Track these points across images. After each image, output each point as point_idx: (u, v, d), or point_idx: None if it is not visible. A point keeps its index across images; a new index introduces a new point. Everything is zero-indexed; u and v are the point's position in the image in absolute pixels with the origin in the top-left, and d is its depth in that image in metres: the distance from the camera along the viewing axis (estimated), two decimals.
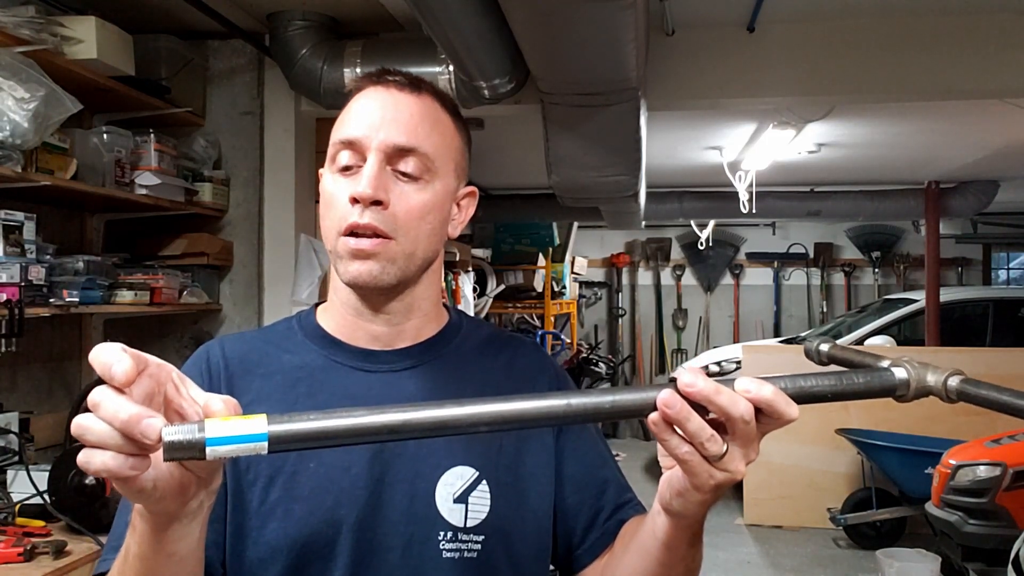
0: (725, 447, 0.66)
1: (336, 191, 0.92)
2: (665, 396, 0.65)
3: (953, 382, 0.68)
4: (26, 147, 2.27)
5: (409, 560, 0.89)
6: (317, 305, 1.03)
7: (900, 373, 0.70)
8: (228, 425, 0.59)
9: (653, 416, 0.66)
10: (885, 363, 0.72)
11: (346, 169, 0.92)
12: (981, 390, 0.66)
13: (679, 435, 0.66)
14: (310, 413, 0.61)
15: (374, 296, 0.95)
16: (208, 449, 0.58)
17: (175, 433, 0.58)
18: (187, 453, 0.58)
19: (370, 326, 0.96)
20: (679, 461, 0.68)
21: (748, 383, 0.65)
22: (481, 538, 0.90)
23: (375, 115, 0.92)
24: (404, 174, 0.92)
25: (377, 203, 0.89)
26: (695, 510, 0.73)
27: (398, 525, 0.89)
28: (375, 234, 0.89)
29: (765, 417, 0.66)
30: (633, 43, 2.34)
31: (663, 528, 0.78)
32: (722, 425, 0.66)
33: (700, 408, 0.65)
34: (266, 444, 0.59)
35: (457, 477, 0.91)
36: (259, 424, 0.59)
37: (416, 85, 0.95)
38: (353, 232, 0.90)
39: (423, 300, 0.98)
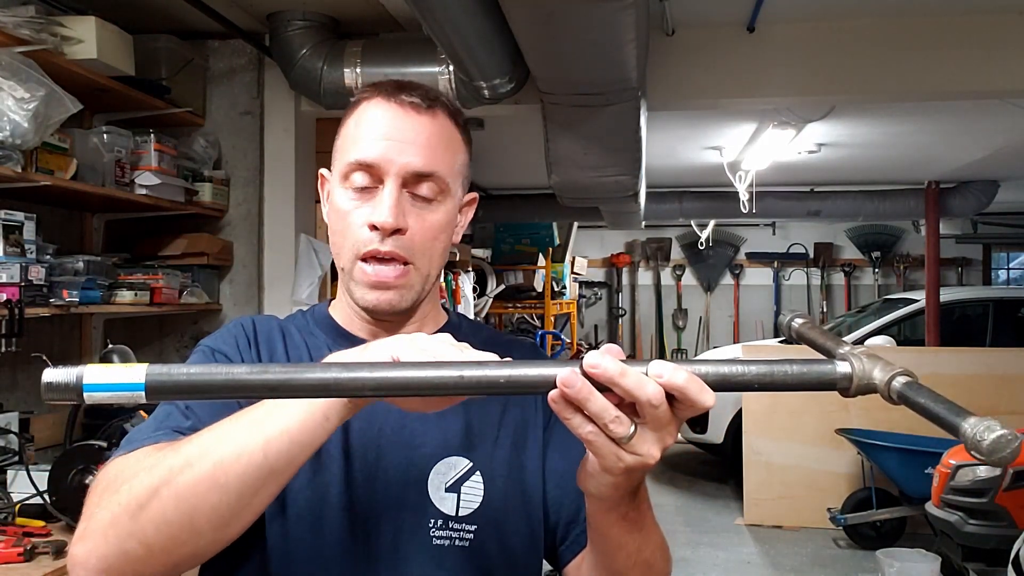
0: (633, 428, 0.64)
1: (351, 211, 0.92)
2: (565, 375, 0.63)
3: (897, 383, 0.62)
4: (26, 147, 2.27)
5: (399, 545, 0.90)
6: (331, 301, 1.05)
7: (843, 367, 0.64)
8: (106, 372, 0.61)
9: (553, 394, 0.64)
10: (843, 350, 0.67)
11: (361, 189, 0.92)
12: (920, 397, 0.60)
13: (583, 414, 0.64)
14: (192, 366, 0.63)
15: (388, 318, 0.96)
16: (86, 394, 0.61)
17: (55, 375, 0.61)
18: (64, 395, 0.61)
19: (376, 330, 0.99)
20: (584, 441, 0.66)
21: (661, 367, 0.63)
22: (474, 527, 0.92)
23: (392, 138, 0.91)
24: (420, 197, 0.93)
25: (398, 231, 0.90)
26: (609, 492, 0.71)
27: (389, 511, 0.91)
28: (393, 259, 0.91)
29: (679, 403, 0.64)
30: (633, 43, 2.34)
31: (589, 511, 0.78)
32: (634, 406, 0.64)
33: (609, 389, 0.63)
34: (143, 393, 0.61)
35: (450, 467, 0.93)
36: (137, 373, 0.61)
37: (431, 103, 0.94)
38: (372, 257, 0.91)
39: (425, 304, 1.01)
